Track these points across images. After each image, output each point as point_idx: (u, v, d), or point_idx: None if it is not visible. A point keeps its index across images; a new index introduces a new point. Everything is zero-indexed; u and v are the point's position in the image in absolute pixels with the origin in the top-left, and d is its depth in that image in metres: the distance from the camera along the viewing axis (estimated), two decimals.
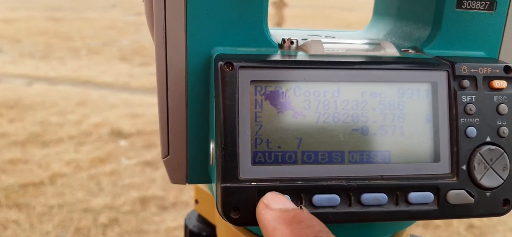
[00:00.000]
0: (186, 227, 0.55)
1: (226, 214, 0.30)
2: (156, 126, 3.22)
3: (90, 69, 4.89)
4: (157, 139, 2.96)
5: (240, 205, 0.30)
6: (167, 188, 2.37)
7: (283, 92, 0.31)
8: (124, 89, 4.24)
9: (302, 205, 0.29)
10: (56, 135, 3.02)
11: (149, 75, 4.66)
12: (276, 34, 0.44)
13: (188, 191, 2.27)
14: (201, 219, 0.54)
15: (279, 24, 4.67)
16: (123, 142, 2.94)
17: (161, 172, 2.53)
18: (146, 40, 6.17)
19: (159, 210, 2.19)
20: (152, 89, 4.18)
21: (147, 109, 3.57)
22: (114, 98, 3.89)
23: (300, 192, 0.31)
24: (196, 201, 0.54)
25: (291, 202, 0.30)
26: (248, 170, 0.30)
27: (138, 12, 9.09)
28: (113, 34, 6.90)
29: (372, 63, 0.33)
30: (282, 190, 0.31)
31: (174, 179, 0.37)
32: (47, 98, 3.80)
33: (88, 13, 9.04)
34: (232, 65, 0.31)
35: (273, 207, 0.28)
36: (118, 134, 3.06)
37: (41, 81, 4.39)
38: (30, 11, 8.94)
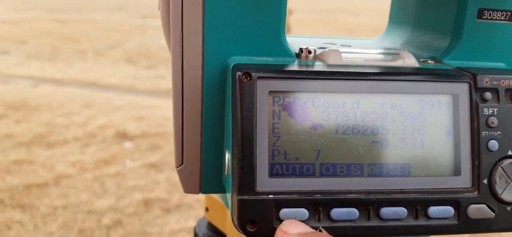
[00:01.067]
0: (196, 234, 0.54)
1: (242, 227, 0.30)
2: (161, 129, 3.22)
3: (96, 71, 4.91)
4: (161, 141, 2.96)
5: (257, 218, 0.30)
6: (171, 190, 2.36)
7: (301, 103, 0.31)
8: (130, 91, 4.25)
9: (320, 227, 0.29)
10: (61, 137, 3.02)
11: (154, 78, 4.67)
12: (292, 42, 0.43)
13: (192, 195, 2.27)
14: (211, 227, 0.54)
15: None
16: (128, 144, 2.95)
17: (166, 175, 2.53)
18: (152, 43, 6.18)
19: (163, 212, 2.19)
20: (157, 92, 4.19)
21: (152, 111, 3.57)
22: (120, 100, 3.89)
23: (318, 206, 0.30)
24: (207, 209, 0.53)
25: (308, 227, 0.29)
26: (265, 182, 0.30)
27: (144, 14, 9.12)
28: (119, 37, 6.93)
29: (391, 74, 0.32)
30: (300, 203, 0.30)
31: (188, 189, 0.37)
32: (53, 100, 3.81)
33: (94, 15, 9.08)
34: (250, 76, 0.30)
35: (291, 232, 0.28)
36: (123, 136, 3.07)
37: (47, 82, 4.41)
38: (36, 13, 8.99)
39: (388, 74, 0.32)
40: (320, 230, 0.28)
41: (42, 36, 6.67)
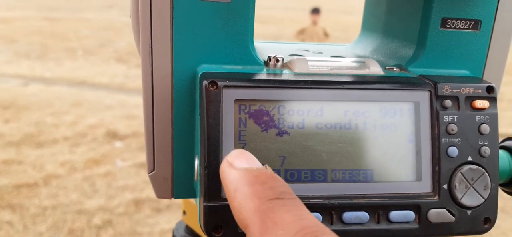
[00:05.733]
0: None
1: (208, 232, 0.30)
2: None
3: (86, 70, 4.88)
4: None
5: (223, 223, 0.30)
6: None
7: (267, 111, 0.32)
8: (120, 90, 4.24)
9: (266, 165, 0.27)
10: (51, 136, 3.01)
11: None
12: (264, 48, 0.44)
13: None
14: (189, 230, 0.54)
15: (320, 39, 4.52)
16: (118, 144, 2.94)
17: None
18: None
19: (153, 212, 2.19)
20: None
21: (142, 111, 3.56)
22: (110, 99, 3.88)
23: None
24: (184, 212, 0.54)
25: (257, 160, 0.27)
26: None
27: None
28: (109, 35, 6.89)
29: (355, 83, 0.33)
30: None
31: (160, 194, 0.37)
32: (42, 99, 3.79)
33: (85, 14, 9.03)
34: (216, 84, 0.31)
35: (237, 166, 0.26)
36: (113, 135, 3.06)
37: (37, 81, 4.38)
38: (26, 11, 8.91)
39: (351, 82, 0.33)
40: (266, 167, 0.26)
41: (32, 35, 6.62)
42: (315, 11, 4.60)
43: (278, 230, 0.22)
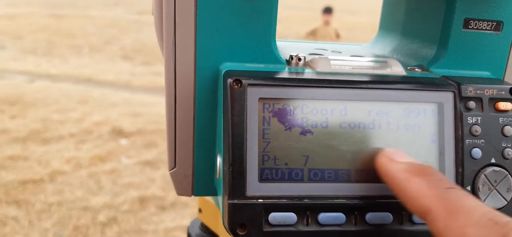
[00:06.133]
0: (189, 235, 0.55)
1: (232, 230, 0.30)
2: (157, 126, 3.21)
3: (91, 67, 4.90)
4: (157, 138, 2.96)
5: (247, 221, 0.30)
6: (167, 188, 2.37)
7: (290, 110, 0.32)
8: (126, 87, 4.25)
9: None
10: (57, 133, 3.02)
11: (150, 74, 4.66)
12: (284, 47, 0.44)
13: None
14: (204, 228, 0.54)
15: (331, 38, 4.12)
16: (123, 141, 2.95)
17: (161, 172, 2.53)
18: (148, 39, 6.17)
19: (158, 210, 2.20)
20: (153, 88, 4.19)
21: (148, 108, 3.57)
22: (116, 96, 3.89)
23: (306, 210, 0.31)
24: (200, 210, 0.54)
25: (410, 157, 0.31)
26: (255, 187, 0.31)
27: (140, 10, 9.09)
28: (115, 32, 6.91)
29: (379, 82, 0.33)
30: (288, 208, 0.31)
31: (180, 191, 0.37)
32: (48, 95, 3.81)
33: (91, 11, 9.05)
34: (241, 83, 0.31)
35: (400, 159, 0.30)
36: (118, 132, 3.07)
37: (43, 78, 4.40)
38: (32, 8, 8.95)
39: (375, 82, 0.33)
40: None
41: (38, 32, 6.65)
42: (327, 10, 4.23)
43: (464, 212, 0.25)
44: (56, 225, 2.04)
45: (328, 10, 4.22)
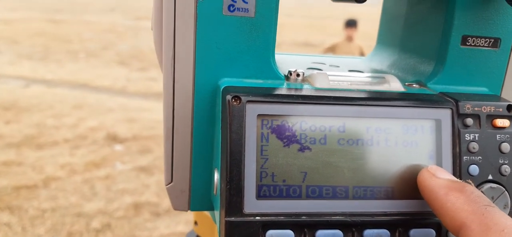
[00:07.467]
0: None
1: None
2: (152, 131, 3.20)
3: (87, 72, 4.89)
4: (152, 144, 2.95)
5: None
6: (161, 194, 2.36)
7: (289, 126, 0.32)
8: (121, 93, 4.24)
9: (469, 180, 0.31)
10: (51, 138, 3.01)
11: (146, 80, 4.66)
12: (281, 60, 0.44)
13: None
14: None
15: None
16: (118, 147, 2.94)
17: (156, 178, 2.52)
18: (145, 45, 6.17)
19: (152, 216, 2.19)
20: (149, 94, 4.18)
21: (143, 114, 3.56)
22: (111, 102, 3.88)
23: (303, 227, 0.31)
24: (196, 223, 0.54)
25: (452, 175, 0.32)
26: (252, 204, 0.31)
27: (137, 16, 9.09)
28: (111, 38, 6.90)
29: (377, 99, 0.33)
30: (286, 225, 0.31)
31: (177, 206, 0.37)
32: (43, 101, 3.79)
33: (87, 16, 9.04)
34: (240, 99, 0.31)
35: (441, 176, 0.31)
36: (113, 138, 3.06)
37: (38, 83, 4.38)
38: (29, 12, 8.93)
39: (373, 99, 0.33)
40: (469, 182, 0.30)
41: (34, 36, 6.63)
42: (351, 23, 3.45)
43: (499, 230, 0.26)
44: (49, 231, 2.02)
45: (351, 23, 3.47)
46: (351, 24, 3.46)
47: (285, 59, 0.45)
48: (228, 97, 0.31)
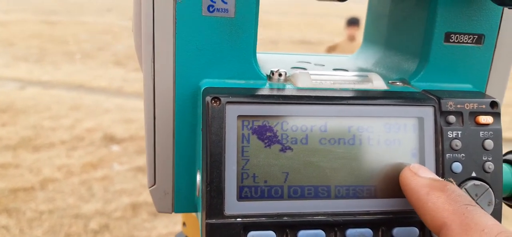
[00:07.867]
0: None
1: None
2: None
3: (84, 73, 4.88)
4: None
5: None
6: None
7: (270, 127, 0.31)
8: (118, 94, 4.23)
9: (451, 179, 0.31)
10: (48, 140, 3.00)
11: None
12: (266, 60, 0.44)
13: None
14: None
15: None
16: (115, 147, 2.93)
17: None
18: None
19: (150, 216, 2.19)
20: None
21: (140, 115, 3.56)
22: (108, 103, 3.87)
23: (285, 228, 0.31)
24: (184, 224, 0.54)
25: (434, 173, 0.31)
26: (233, 206, 0.30)
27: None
28: (108, 39, 6.89)
29: (359, 98, 0.33)
30: (267, 226, 0.31)
31: (160, 208, 0.37)
32: (40, 102, 3.78)
33: (83, 17, 9.02)
34: (220, 100, 0.31)
35: (422, 175, 0.30)
36: (110, 139, 3.05)
37: (35, 84, 4.37)
38: (24, 14, 8.90)
39: (355, 98, 0.33)
40: (451, 182, 0.30)
41: (30, 38, 6.61)
42: (353, 22, 3.26)
43: (479, 230, 0.25)
44: (47, 233, 2.02)
45: (353, 22, 3.27)
46: (353, 22, 3.27)
47: (270, 59, 0.45)
48: (208, 98, 0.30)
